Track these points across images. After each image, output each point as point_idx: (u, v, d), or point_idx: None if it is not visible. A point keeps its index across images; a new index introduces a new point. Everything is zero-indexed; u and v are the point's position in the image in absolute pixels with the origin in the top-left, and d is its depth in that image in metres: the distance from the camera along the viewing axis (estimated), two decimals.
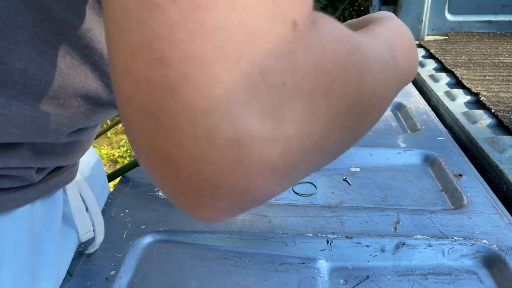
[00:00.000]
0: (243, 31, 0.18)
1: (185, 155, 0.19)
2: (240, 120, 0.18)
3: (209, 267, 0.58)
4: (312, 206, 0.70)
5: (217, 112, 0.18)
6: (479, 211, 0.68)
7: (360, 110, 0.25)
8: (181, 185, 0.20)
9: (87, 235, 0.56)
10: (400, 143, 0.89)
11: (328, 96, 0.21)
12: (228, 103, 0.18)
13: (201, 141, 0.18)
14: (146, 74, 0.18)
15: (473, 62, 1.36)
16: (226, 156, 0.19)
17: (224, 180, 0.19)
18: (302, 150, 0.21)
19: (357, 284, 0.57)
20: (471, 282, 0.57)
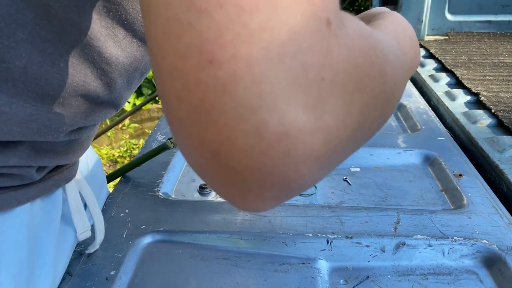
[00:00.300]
0: (285, 31, 0.19)
1: (236, 150, 0.20)
2: (286, 114, 0.20)
3: (209, 267, 0.58)
4: (312, 206, 0.70)
5: (265, 108, 0.19)
6: (479, 211, 0.68)
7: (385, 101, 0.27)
8: (232, 178, 0.21)
9: (84, 234, 0.56)
10: (400, 143, 0.89)
11: (360, 89, 0.23)
12: (274, 99, 0.19)
13: (251, 135, 0.20)
14: (197, 75, 0.19)
15: (473, 62, 1.36)
16: (275, 148, 0.20)
17: (273, 171, 0.21)
18: (340, 140, 0.22)
19: (357, 284, 0.57)
20: (471, 282, 0.57)
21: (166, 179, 0.77)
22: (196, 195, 0.75)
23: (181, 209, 0.68)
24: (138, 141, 3.04)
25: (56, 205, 0.50)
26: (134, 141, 3.03)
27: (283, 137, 0.20)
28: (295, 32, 0.20)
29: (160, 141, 0.91)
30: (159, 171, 0.79)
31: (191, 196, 0.75)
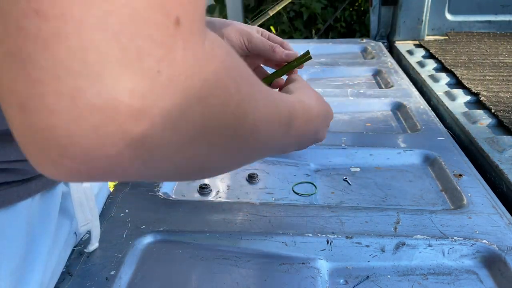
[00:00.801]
0: (128, 10, 0.19)
1: (44, 108, 0.20)
2: (108, 90, 0.19)
3: (209, 267, 0.58)
4: (312, 206, 0.70)
5: (86, 76, 0.19)
6: (479, 211, 0.68)
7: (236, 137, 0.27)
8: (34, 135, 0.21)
9: (85, 227, 0.56)
10: (400, 143, 0.89)
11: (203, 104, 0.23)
12: (100, 71, 0.19)
13: (64, 98, 0.19)
14: (20, 22, 0.19)
15: (473, 62, 1.36)
16: (85, 118, 0.20)
17: (76, 141, 0.20)
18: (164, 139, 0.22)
19: (357, 284, 0.57)
20: (471, 282, 0.57)
21: None
22: (196, 195, 0.75)
23: (181, 209, 0.68)
24: None
25: (55, 200, 0.50)
26: None
27: (96, 111, 0.20)
28: (138, 15, 0.19)
29: None
30: None
31: (191, 196, 0.75)
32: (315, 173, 0.83)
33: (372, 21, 1.66)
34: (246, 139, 0.28)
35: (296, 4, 2.97)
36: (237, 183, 0.79)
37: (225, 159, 0.29)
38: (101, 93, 0.19)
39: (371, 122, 1.03)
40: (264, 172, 0.82)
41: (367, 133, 0.94)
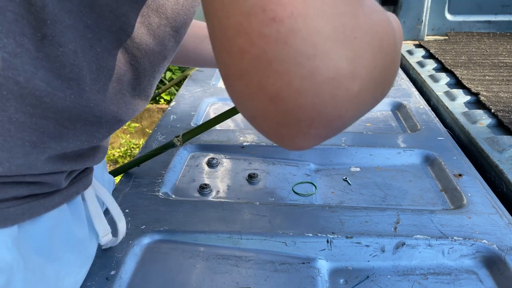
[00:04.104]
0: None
1: (293, 92, 0.24)
2: (334, 62, 0.24)
3: (209, 267, 0.58)
4: (312, 206, 0.70)
5: (318, 56, 0.23)
6: (479, 211, 0.68)
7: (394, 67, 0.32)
8: (286, 117, 0.25)
9: (106, 237, 0.56)
10: (400, 143, 0.89)
11: (381, 51, 0.27)
12: (326, 49, 0.23)
13: (306, 79, 0.24)
14: (260, 30, 0.23)
15: (473, 62, 1.36)
16: (324, 90, 0.24)
17: (321, 110, 0.25)
18: (367, 89, 0.27)
19: (357, 284, 0.57)
20: (471, 282, 0.57)
21: (166, 179, 0.77)
22: (196, 195, 0.75)
23: (181, 209, 0.68)
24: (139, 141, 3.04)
25: (79, 210, 0.51)
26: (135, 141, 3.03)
27: (331, 81, 0.24)
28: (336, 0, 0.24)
29: (160, 141, 0.91)
30: (159, 171, 0.79)
31: (191, 196, 0.75)
32: (315, 173, 0.83)
33: None
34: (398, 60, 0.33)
35: None
36: (237, 183, 0.79)
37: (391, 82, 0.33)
38: (330, 67, 0.24)
39: (371, 122, 1.03)
40: (264, 172, 0.82)
41: (367, 133, 0.94)
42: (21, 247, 0.41)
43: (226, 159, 0.87)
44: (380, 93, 0.31)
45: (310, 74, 0.24)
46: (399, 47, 0.36)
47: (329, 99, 0.25)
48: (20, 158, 0.37)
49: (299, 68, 0.23)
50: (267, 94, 0.25)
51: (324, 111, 0.25)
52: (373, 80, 0.27)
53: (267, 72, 0.24)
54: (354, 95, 0.25)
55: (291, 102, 0.24)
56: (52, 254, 0.46)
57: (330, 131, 0.27)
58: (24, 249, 0.41)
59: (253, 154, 0.87)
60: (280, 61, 0.23)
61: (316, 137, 0.27)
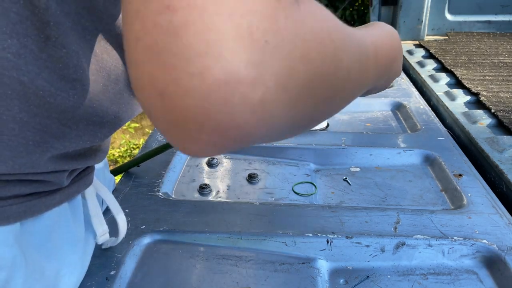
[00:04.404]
0: None
1: (180, 89, 0.22)
2: (229, 64, 0.22)
3: (209, 267, 0.58)
4: (312, 206, 0.70)
5: (211, 54, 0.21)
6: (479, 211, 0.68)
7: (335, 84, 0.29)
8: (174, 117, 0.23)
9: (103, 237, 0.57)
10: (400, 143, 0.89)
11: (305, 61, 0.25)
12: (220, 48, 0.22)
13: (195, 77, 0.22)
14: (154, 19, 0.22)
15: (473, 62, 1.36)
16: (215, 93, 0.22)
17: (211, 115, 0.23)
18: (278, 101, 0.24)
19: (357, 284, 0.57)
20: (471, 282, 0.57)
21: (166, 179, 0.77)
22: (196, 195, 0.75)
23: (181, 209, 0.68)
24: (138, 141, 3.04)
25: (79, 209, 0.52)
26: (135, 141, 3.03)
27: (223, 84, 0.22)
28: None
29: (160, 141, 0.91)
30: (159, 171, 0.79)
31: (191, 196, 0.75)
32: (315, 173, 0.83)
33: (372, 21, 1.66)
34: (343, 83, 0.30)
35: None
36: (237, 183, 0.79)
37: (328, 105, 0.31)
38: (223, 68, 0.22)
39: (371, 122, 1.03)
40: (264, 172, 0.82)
41: (367, 133, 0.94)
42: (23, 245, 0.41)
43: (226, 159, 0.87)
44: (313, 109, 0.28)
45: (200, 73, 0.22)
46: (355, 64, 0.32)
47: (221, 104, 0.22)
48: (23, 157, 0.38)
49: (188, 65, 0.22)
50: (156, 89, 0.23)
51: (215, 117, 0.23)
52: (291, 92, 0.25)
53: (157, 64, 0.22)
54: (255, 104, 0.23)
55: (178, 101, 0.22)
56: (52, 252, 0.46)
57: (227, 141, 0.25)
58: (25, 246, 0.42)
59: (253, 154, 0.87)
60: (170, 54, 0.22)
61: (210, 145, 0.25)
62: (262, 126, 0.25)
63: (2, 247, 0.39)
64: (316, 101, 0.28)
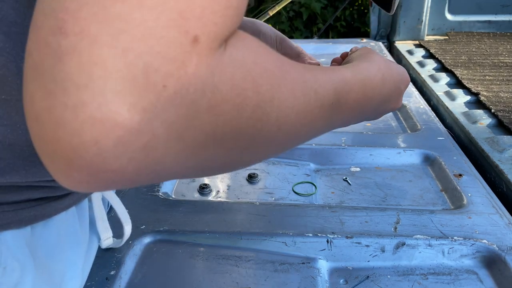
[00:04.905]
0: (141, 29, 0.20)
1: (52, 119, 0.21)
2: (108, 103, 0.20)
3: (209, 267, 0.58)
4: (312, 206, 0.70)
5: (90, 89, 0.20)
6: (479, 211, 0.68)
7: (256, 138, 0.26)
8: (44, 147, 0.22)
9: (107, 241, 0.57)
10: (400, 143, 0.89)
11: (213, 113, 0.23)
12: (102, 85, 0.20)
13: (68, 110, 0.20)
14: (46, 38, 0.20)
15: (473, 62, 1.36)
16: (86, 131, 0.20)
17: (80, 154, 0.21)
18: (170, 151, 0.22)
19: (357, 284, 0.57)
20: (471, 282, 0.57)
21: None
22: (196, 195, 0.75)
23: (181, 209, 0.68)
24: None
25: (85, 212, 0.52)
26: None
27: (97, 124, 0.20)
28: (151, 33, 0.20)
29: None
30: None
31: (191, 196, 0.75)
32: (315, 173, 0.83)
33: (372, 21, 1.66)
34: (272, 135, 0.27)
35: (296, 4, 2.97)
36: (237, 183, 0.79)
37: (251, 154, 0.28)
38: (101, 107, 0.20)
39: (371, 122, 1.03)
40: (264, 172, 0.82)
41: (367, 133, 0.94)
42: (32, 248, 0.42)
43: None
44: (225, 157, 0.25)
45: (74, 106, 0.20)
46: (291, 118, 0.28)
47: (91, 145, 0.20)
48: (35, 166, 0.38)
49: (64, 94, 0.20)
50: (33, 111, 0.21)
51: (84, 156, 0.21)
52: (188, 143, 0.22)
53: (37, 86, 0.21)
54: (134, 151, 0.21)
55: (50, 131, 0.21)
56: (59, 255, 0.46)
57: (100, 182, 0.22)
58: (35, 250, 0.42)
59: None
60: (50, 78, 0.20)
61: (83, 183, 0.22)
62: (144, 172, 0.23)
63: (14, 250, 0.39)
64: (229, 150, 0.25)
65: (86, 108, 0.20)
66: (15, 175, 0.37)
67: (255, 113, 0.25)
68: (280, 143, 0.29)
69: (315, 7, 2.89)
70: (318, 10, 2.91)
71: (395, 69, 0.48)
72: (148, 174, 0.23)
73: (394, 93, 0.48)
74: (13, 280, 0.39)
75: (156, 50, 0.20)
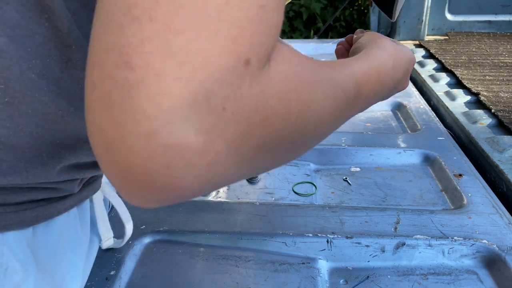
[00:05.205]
0: (201, 58, 0.21)
1: (125, 147, 0.22)
2: (177, 131, 0.21)
3: (209, 267, 0.58)
4: (312, 206, 0.70)
5: (160, 119, 0.21)
6: (479, 211, 0.68)
7: (297, 141, 0.28)
8: (117, 171, 0.23)
9: (108, 242, 0.57)
10: (400, 143, 0.89)
11: (264, 126, 0.24)
12: (170, 114, 0.21)
13: (141, 139, 0.21)
14: (111, 71, 0.21)
15: (473, 62, 1.36)
16: (158, 157, 0.22)
17: (152, 178, 0.22)
18: (229, 164, 0.24)
19: (357, 284, 0.57)
20: (471, 282, 0.57)
21: None
22: None
23: (181, 209, 0.68)
24: None
25: (86, 213, 0.52)
26: None
27: (168, 150, 0.21)
28: (209, 62, 0.22)
29: None
30: None
31: None
32: (315, 173, 0.83)
33: (372, 21, 1.66)
34: (311, 136, 0.30)
35: (296, 4, 2.97)
36: (237, 183, 0.79)
37: (293, 154, 0.30)
38: (171, 134, 0.21)
39: (371, 122, 1.03)
40: (264, 172, 0.82)
41: (367, 133, 0.94)
42: (34, 249, 0.42)
43: None
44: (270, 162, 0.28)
45: (145, 135, 0.21)
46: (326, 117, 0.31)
47: (163, 169, 0.22)
48: (37, 168, 0.39)
49: (136, 125, 0.21)
50: (103, 140, 0.22)
51: (157, 179, 0.22)
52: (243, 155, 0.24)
53: (106, 117, 0.22)
54: (199, 170, 0.23)
55: (122, 158, 0.22)
56: (60, 256, 0.47)
57: (168, 199, 0.24)
58: (36, 250, 0.42)
59: None
60: (119, 110, 0.21)
61: (152, 201, 0.24)
62: (207, 185, 0.24)
63: (15, 251, 0.40)
64: (275, 156, 0.27)
65: (157, 136, 0.21)
66: (17, 176, 0.38)
67: (298, 120, 0.27)
68: (315, 141, 0.32)
69: (315, 7, 2.89)
70: (318, 10, 2.91)
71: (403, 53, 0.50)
72: (210, 186, 0.25)
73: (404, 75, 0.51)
74: (15, 281, 0.40)
75: (215, 77, 0.22)
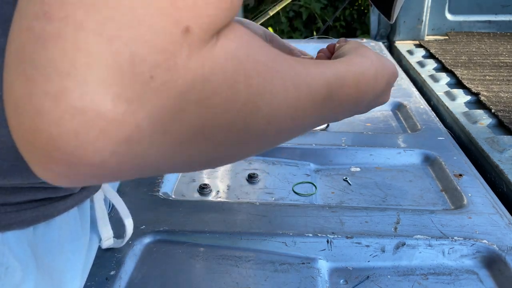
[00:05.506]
0: (129, 16, 0.19)
1: (30, 107, 0.19)
2: (91, 93, 0.19)
3: (209, 267, 0.58)
4: (312, 206, 0.70)
5: (73, 77, 0.19)
6: (479, 211, 0.68)
7: (246, 133, 0.26)
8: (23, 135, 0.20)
9: (108, 241, 0.57)
10: (400, 143, 0.89)
11: (202, 106, 0.22)
12: (86, 73, 0.19)
13: (49, 98, 0.19)
14: (30, 22, 0.19)
15: (473, 62, 1.36)
16: (66, 121, 0.19)
17: (59, 145, 0.20)
18: (155, 144, 0.21)
19: (357, 284, 0.57)
20: (471, 282, 0.57)
21: (166, 179, 0.77)
22: (196, 195, 0.75)
23: (181, 209, 0.68)
24: None
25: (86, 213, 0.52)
26: None
27: (78, 114, 0.19)
28: (139, 22, 0.19)
29: None
30: None
31: (191, 196, 0.75)
32: (315, 173, 0.83)
33: (372, 21, 1.66)
34: (262, 129, 0.27)
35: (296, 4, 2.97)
36: (237, 183, 0.79)
37: (240, 149, 0.28)
38: (83, 96, 0.19)
39: (371, 122, 1.03)
40: (264, 172, 0.82)
41: (367, 133, 0.94)
42: (34, 248, 0.42)
43: None
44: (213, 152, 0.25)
45: (55, 94, 0.19)
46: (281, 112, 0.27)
47: (71, 136, 0.19)
48: None
49: (46, 81, 0.19)
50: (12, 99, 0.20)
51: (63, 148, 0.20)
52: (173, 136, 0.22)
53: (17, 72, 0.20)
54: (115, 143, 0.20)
55: (28, 120, 0.19)
56: (60, 255, 0.46)
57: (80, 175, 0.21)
58: (37, 250, 0.42)
59: None
60: (31, 64, 0.19)
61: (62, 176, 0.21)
62: (127, 166, 0.22)
63: (16, 251, 0.39)
64: (218, 145, 0.25)
65: (67, 96, 0.19)
66: (17, 176, 0.37)
67: (245, 107, 0.24)
68: (270, 137, 0.29)
69: (315, 7, 2.89)
70: (318, 10, 2.91)
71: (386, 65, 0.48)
72: (131, 168, 0.22)
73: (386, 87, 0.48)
74: (15, 281, 0.39)
75: (144, 39, 0.19)
